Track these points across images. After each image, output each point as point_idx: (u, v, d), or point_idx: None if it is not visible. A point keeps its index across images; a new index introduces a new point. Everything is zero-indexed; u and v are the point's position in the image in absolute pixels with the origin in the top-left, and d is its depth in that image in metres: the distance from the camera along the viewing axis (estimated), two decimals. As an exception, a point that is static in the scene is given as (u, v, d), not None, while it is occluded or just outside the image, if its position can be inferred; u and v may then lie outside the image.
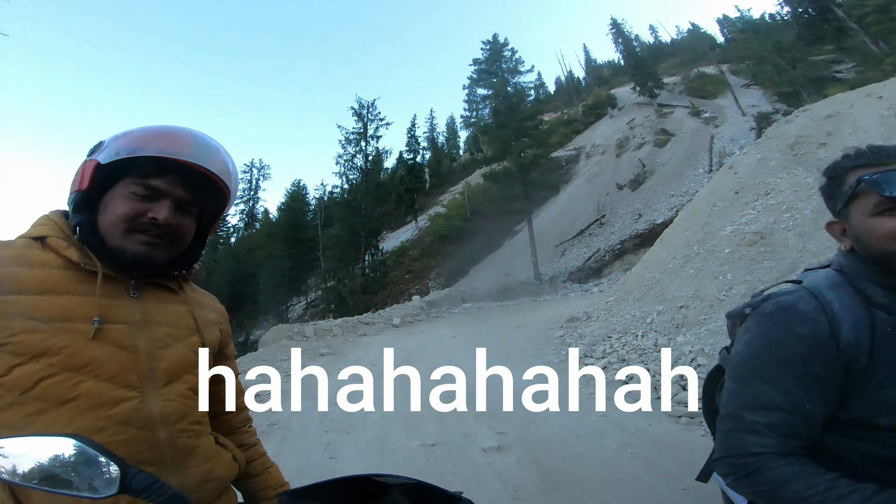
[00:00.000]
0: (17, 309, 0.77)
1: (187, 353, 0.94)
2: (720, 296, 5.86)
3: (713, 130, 29.31)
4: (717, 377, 1.23)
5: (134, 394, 0.83)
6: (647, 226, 22.20)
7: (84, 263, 0.84)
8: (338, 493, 0.85)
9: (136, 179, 0.85)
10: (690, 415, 4.01)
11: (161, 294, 0.94)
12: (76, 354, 0.79)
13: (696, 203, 9.20)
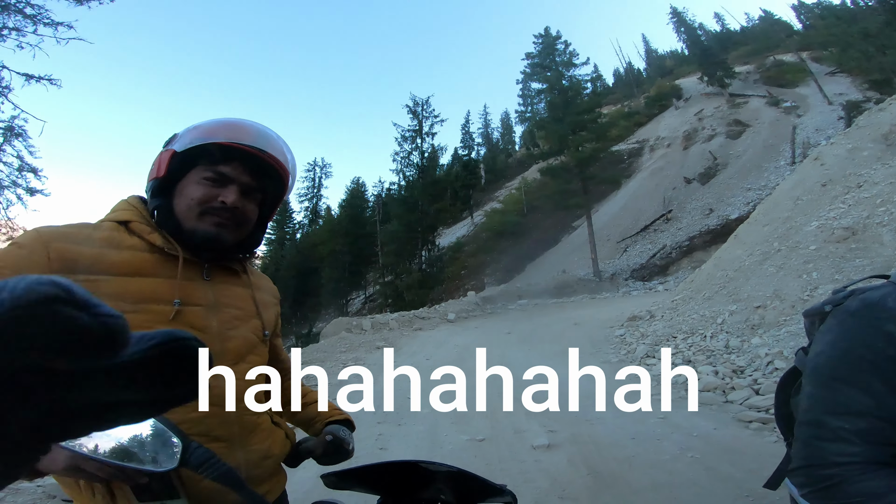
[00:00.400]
0: (107, 290, 0.82)
1: (250, 335, 0.99)
2: (803, 296, 5.35)
3: (795, 120, 26.98)
4: (792, 380, 1.13)
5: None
6: (719, 221, 20.76)
7: (166, 248, 0.90)
8: (383, 477, 0.87)
9: (207, 166, 0.91)
10: (762, 420, 3.74)
11: (227, 277, 1.00)
12: None
13: (777, 196, 8.50)
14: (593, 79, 30.29)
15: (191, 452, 0.64)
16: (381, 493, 0.88)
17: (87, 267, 0.82)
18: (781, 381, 1.17)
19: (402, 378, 6.58)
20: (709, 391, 4.50)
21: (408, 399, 5.52)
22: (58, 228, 0.84)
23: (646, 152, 33.78)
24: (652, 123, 38.07)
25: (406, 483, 0.86)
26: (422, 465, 0.81)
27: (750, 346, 5.10)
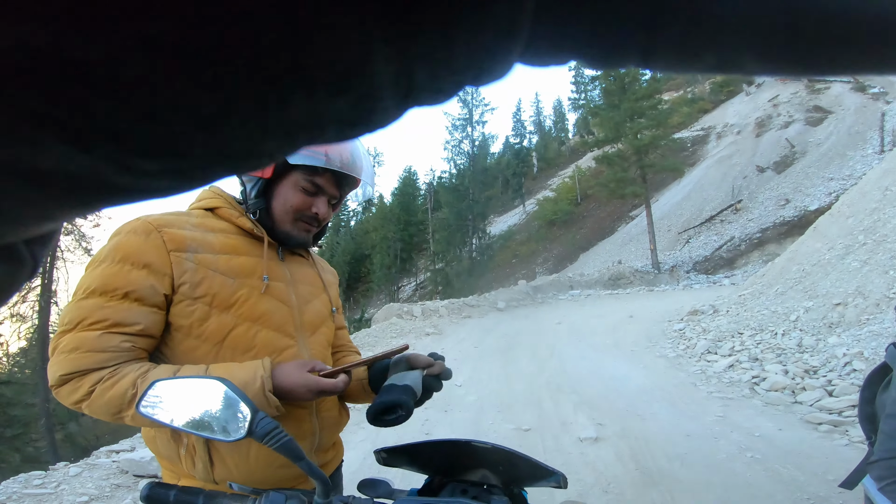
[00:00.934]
0: (215, 265, 0.93)
1: (321, 308, 1.11)
2: (889, 293, 4.86)
3: (884, 107, 24.39)
4: (880, 377, 1.10)
5: (293, 342, 1.00)
6: (796, 213, 19.16)
7: (255, 231, 1.01)
8: (433, 456, 0.89)
9: (306, 176, 0.99)
10: (833, 423, 3.50)
11: (297, 258, 1.12)
12: (254, 306, 0.96)
13: (864, 187, 7.72)
14: (654, 64, 28.61)
15: (257, 423, 0.68)
16: (430, 472, 0.90)
17: (196, 247, 0.93)
18: (868, 377, 1.14)
19: (450, 365, 6.69)
20: (776, 391, 4.23)
21: (455, 386, 5.60)
22: (160, 216, 0.95)
23: (712, 140, 31.76)
24: (719, 110, 35.81)
25: (454, 464, 0.87)
26: (473, 444, 0.82)
27: (826, 345, 4.71)
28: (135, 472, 3.31)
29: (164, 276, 0.89)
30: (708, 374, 5.09)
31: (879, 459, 0.83)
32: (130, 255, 0.88)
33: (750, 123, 30.08)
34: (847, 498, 2.48)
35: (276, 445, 0.68)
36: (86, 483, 3.14)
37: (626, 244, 24.71)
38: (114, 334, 0.85)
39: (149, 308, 0.89)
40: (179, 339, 0.92)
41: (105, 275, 0.87)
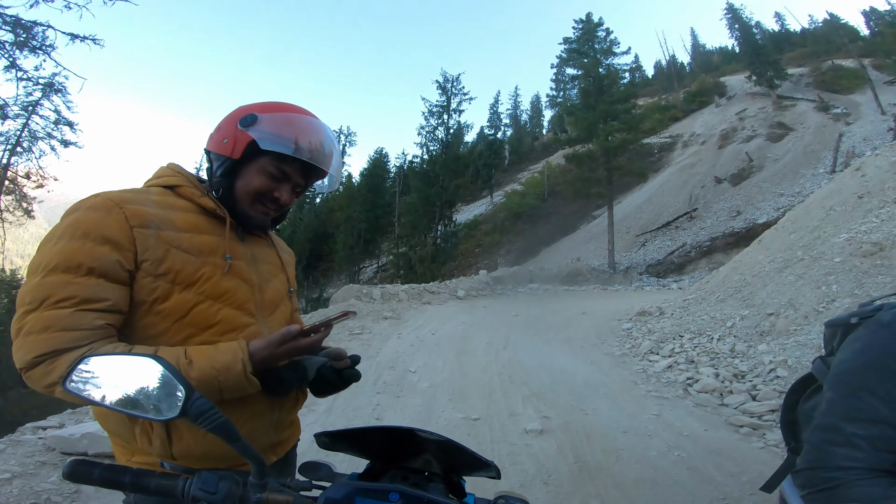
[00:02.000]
0: (178, 243, 0.92)
1: (280, 287, 1.13)
2: (818, 307, 5.22)
3: (843, 128, 25.73)
4: (803, 387, 1.17)
5: (253, 320, 1.01)
6: (745, 224, 20.21)
7: (218, 211, 1.00)
8: (375, 442, 0.89)
9: (274, 162, 0.99)
10: (753, 426, 3.74)
11: (257, 239, 1.12)
12: (216, 284, 0.95)
13: (810, 204, 8.22)
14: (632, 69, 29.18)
15: (191, 403, 0.66)
16: (371, 458, 0.91)
17: (158, 224, 0.92)
18: (793, 386, 1.20)
19: (404, 351, 6.71)
20: (706, 392, 4.49)
21: (409, 372, 5.63)
22: (120, 192, 0.92)
23: (678, 147, 32.84)
24: (688, 119, 36.95)
25: (396, 450, 0.88)
26: (417, 432, 0.82)
27: (755, 352, 5.03)
28: (62, 450, 3.18)
29: (127, 252, 0.87)
30: (648, 373, 5.35)
31: (805, 469, 0.88)
32: (92, 230, 0.85)
33: (715, 134, 31.25)
34: (757, 500, 2.69)
35: (211, 426, 0.66)
36: (9, 460, 3.01)
37: (586, 242, 25.37)
38: (85, 311, 0.83)
39: (115, 284, 0.87)
40: (139, 315, 0.91)
41: (66, 251, 0.84)
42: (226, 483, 0.70)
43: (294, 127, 0.98)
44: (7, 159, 14.74)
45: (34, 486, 2.76)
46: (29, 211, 15.50)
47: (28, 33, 12.37)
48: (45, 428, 3.69)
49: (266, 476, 0.73)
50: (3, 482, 2.76)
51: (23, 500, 2.63)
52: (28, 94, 14.43)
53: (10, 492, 2.68)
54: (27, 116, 14.81)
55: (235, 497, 0.70)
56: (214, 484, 0.70)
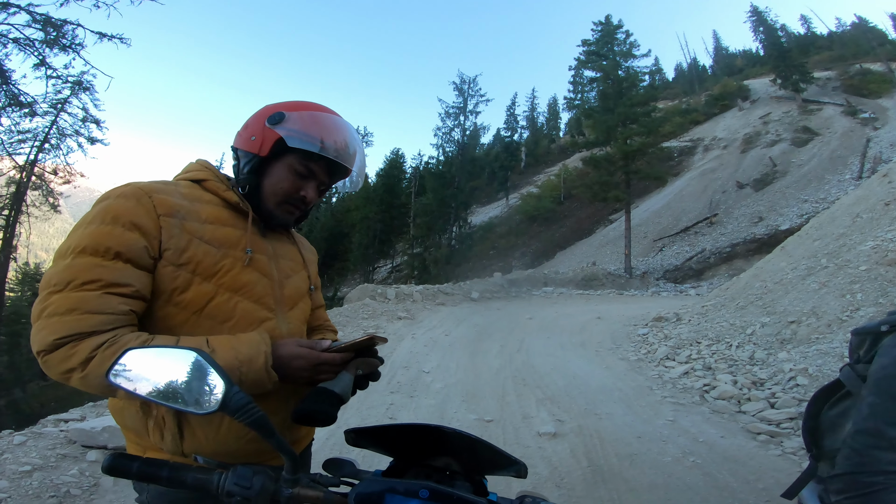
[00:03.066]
0: (199, 233, 0.94)
1: (301, 284, 1.13)
2: (842, 315, 5.09)
3: (870, 133, 24.93)
4: (829, 394, 1.16)
5: (271, 315, 1.01)
6: (767, 231, 19.77)
7: (241, 205, 1.02)
8: (400, 439, 0.91)
9: (301, 160, 1.00)
10: (771, 433, 3.66)
11: (279, 235, 1.14)
12: (236, 277, 0.96)
13: (835, 211, 8.01)
14: (652, 72, 28.77)
15: (231, 397, 0.67)
16: (395, 455, 0.91)
17: (184, 214, 0.94)
18: (817, 393, 1.19)
19: (418, 351, 6.74)
20: (724, 399, 4.41)
21: (422, 372, 5.65)
22: (149, 183, 0.95)
23: (699, 152, 32.29)
24: (710, 123, 36.31)
25: (419, 449, 0.89)
26: (441, 429, 0.83)
27: (776, 359, 4.92)
28: (83, 443, 3.20)
29: (153, 239, 0.89)
30: (664, 379, 5.27)
31: (844, 473, 0.87)
32: (121, 216, 0.87)
33: (738, 139, 30.63)
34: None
35: (249, 420, 0.67)
36: (30, 452, 3.04)
37: (602, 246, 25.11)
38: (112, 295, 0.83)
39: (141, 270, 0.88)
40: (159, 305, 0.91)
41: (96, 234, 0.85)
42: (260, 478, 0.71)
43: (320, 126, 0.99)
44: (35, 155, 15.17)
45: (54, 479, 2.78)
46: (55, 206, 15.89)
47: (58, 31, 12.70)
48: (67, 420, 3.70)
49: (299, 472, 0.74)
50: (24, 475, 2.78)
51: (42, 492, 2.66)
52: (57, 92, 14.86)
53: (30, 484, 2.70)
54: (56, 114, 15.23)
55: (269, 492, 0.71)
56: (249, 479, 0.71)
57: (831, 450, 1.08)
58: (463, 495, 0.72)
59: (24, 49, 12.64)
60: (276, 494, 0.72)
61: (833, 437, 1.09)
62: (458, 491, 0.72)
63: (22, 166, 14.76)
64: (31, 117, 14.24)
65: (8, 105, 13.29)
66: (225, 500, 0.71)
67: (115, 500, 2.69)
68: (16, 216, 14.48)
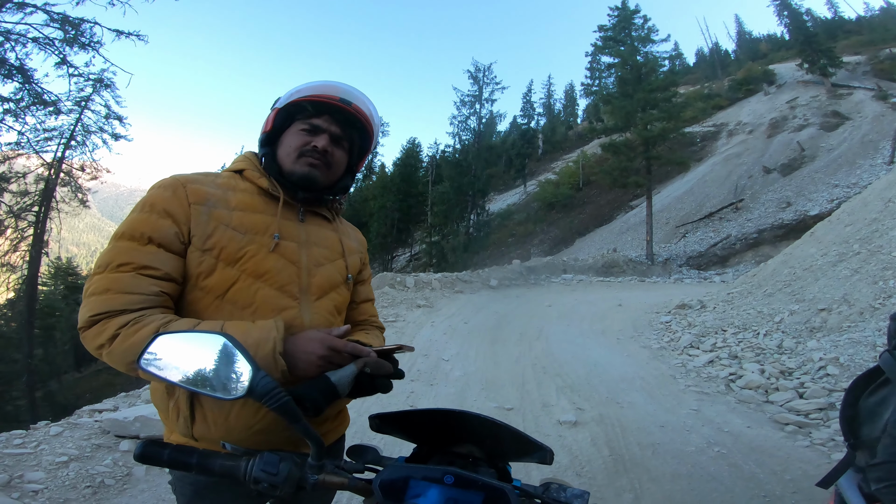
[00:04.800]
0: (229, 220, 0.98)
1: (335, 273, 1.12)
2: (875, 303, 4.92)
3: (903, 117, 23.83)
4: (868, 381, 1.12)
5: (294, 303, 1.01)
6: (795, 216, 19.15)
7: (271, 190, 1.06)
8: (424, 425, 0.91)
9: (304, 120, 1.07)
10: (799, 424, 3.59)
11: (319, 221, 1.14)
12: (259, 263, 0.99)
13: (867, 196, 7.72)
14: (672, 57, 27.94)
15: (257, 382, 0.67)
16: (419, 442, 0.92)
17: (214, 202, 0.99)
18: (856, 381, 1.15)
19: (438, 339, 6.78)
20: (750, 389, 4.33)
21: (442, 360, 5.69)
22: (188, 175, 1.03)
23: (723, 137, 31.35)
24: (734, 108, 35.19)
25: (443, 434, 0.89)
26: (466, 414, 0.83)
27: (805, 348, 4.80)
28: (116, 433, 3.25)
29: (184, 226, 0.95)
30: (688, 367, 5.20)
31: (884, 462, 0.86)
32: (157, 204, 0.95)
33: (764, 123, 29.66)
34: (799, 499, 2.59)
35: (275, 405, 0.67)
36: (66, 443, 3.09)
37: (622, 233, 24.72)
38: (143, 276, 0.89)
39: (171, 254, 0.93)
40: (188, 289, 0.96)
41: (134, 221, 0.94)
42: (286, 464, 0.72)
43: (308, 86, 1.08)
44: (62, 153, 15.59)
45: (90, 469, 2.83)
46: (84, 202, 16.36)
47: (76, 30, 12.98)
48: (101, 411, 3.77)
49: (324, 458, 0.75)
50: (61, 465, 2.83)
51: (79, 482, 2.71)
52: (80, 90, 15.21)
53: (67, 475, 2.75)
54: (80, 111, 15.60)
55: (295, 478, 0.72)
56: (276, 465, 0.72)
57: (870, 438, 1.05)
58: (487, 481, 0.72)
59: (45, 48, 12.94)
60: (302, 481, 0.73)
61: (872, 425, 1.05)
62: (482, 477, 0.72)
63: (50, 164, 15.18)
64: (55, 115, 14.65)
65: (32, 104, 13.63)
66: (252, 487, 0.72)
67: (147, 489, 2.75)
68: (46, 212, 14.94)
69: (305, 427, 0.70)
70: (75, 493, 2.65)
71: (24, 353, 14.30)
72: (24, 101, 13.44)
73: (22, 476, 2.69)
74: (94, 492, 2.69)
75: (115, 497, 2.68)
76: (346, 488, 0.76)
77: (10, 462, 2.82)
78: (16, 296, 16.98)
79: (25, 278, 14.95)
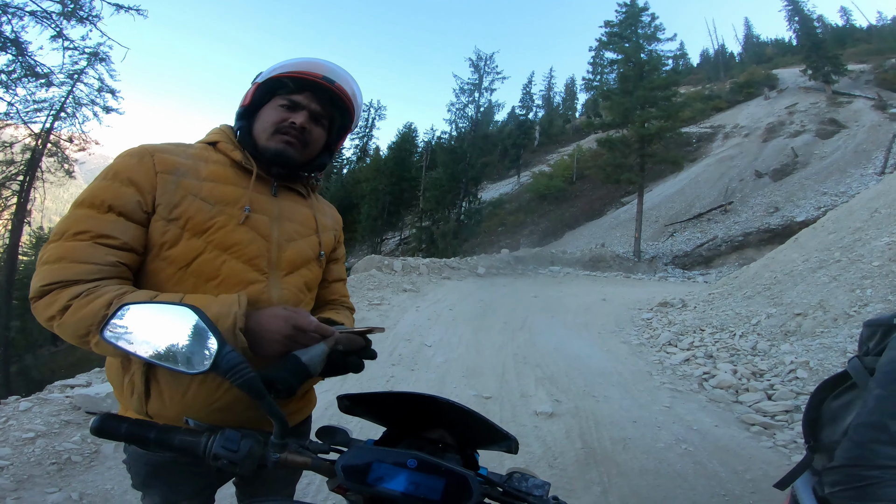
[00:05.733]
0: (197, 191, 0.95)
1: (307, 249, 1.09)
2: (850, 310, 5.04)
3: (898, 128, 24.15)
4: (835, 385, 1.14)
5: (262, 278, 0.99)
6: (782, 221, 19.43)
7: (244, 163, 1.03)
8: (394, 408, 0.90)
9: (283, 96, 1.04)
10: (765, 425, 3.68)
11: (294, 196, 1.11)
12: (227, 235, 0.96)
13: (853, 205, 7.85)
14: (675, 56, 27.84)
15: (222, 357, 0.66)
16: (389, 425, 0.91)
17: (183, 172, 0.96)
18: (822, 384, 1.17)
19: (422, 324, 6.80)
20: (721, 388, 4.43)
21: (424, 346, 5.71)
22: (158, 144, 0.99)
23: (718, 138, 31.53)
24: (733, 110, 35.36)
25: (413, 420, 0.88)
26: (436, 399, 0.82)
27: (778, 351, 4.91)
28: (87, 409, 3.18)
29: (148, 195, 0.91)
30: (664, 364, 5.30)
31: (841, 465, 0.87)
32: (120, 172, 0.91)
33: (760, 127, 29.84)
34: (757, 499, 2.67)
35: (240, 381, 0.66)
36: (34, 419, 3.01)
37: (612, 229, 24.89)
38: (100, 245, 0.86)
39: (132, 223, 0.90)
40: (149, 259, 0.93)
41: (95, 189, 0.90)
42: (248, 441, 0.71)
43: (290, 62, 1.05)
44: (51, 124, 15.24)
45: (56, 446, 2.76)
46: (70, 172, 15.98)
47: (75, 4, 12.63)
48: (73, 386, 3.65)
49: (287, 437, 0.74)
50: (27, 441, 2.75)
51: (44, 459, 2.64)
52: (74, 63, 14.81)
53: (33, 451, 2.68)
54: (72, 84, 15.21)
55: (256, 456, 0.71)
56: (236, 442, 0.71)
57: (829, 442, 1.07)
58: (451, 466, 0.71)
59: (41, 21, 12.56)
60: (264, 459, 0.72)
61: (833, 428, 1.08)
62: (446, 462, 0.72)
63: (38, 134, 14.84)
64: (46, 87, 14.29)
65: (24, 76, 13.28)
66: (211, 463, 0.71)
67: (113, 466, 2.70)
68: (30, 182, 14.60)
69: (270, 404, 0.69)
70: (40, 470, 2.57)
71: (0, 323, 14.02)
72: (15, 73, 13.08)
73: (-12, 452, 2.60)
74: (60, 468, 2.62)
75: (80, 474, 2.62)
76: (308, 468, 0.75)
77: (-26, 437, 2.71)
78: (-5, 265, 16.68)
79: (6, 247, 14.65)
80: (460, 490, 0.70)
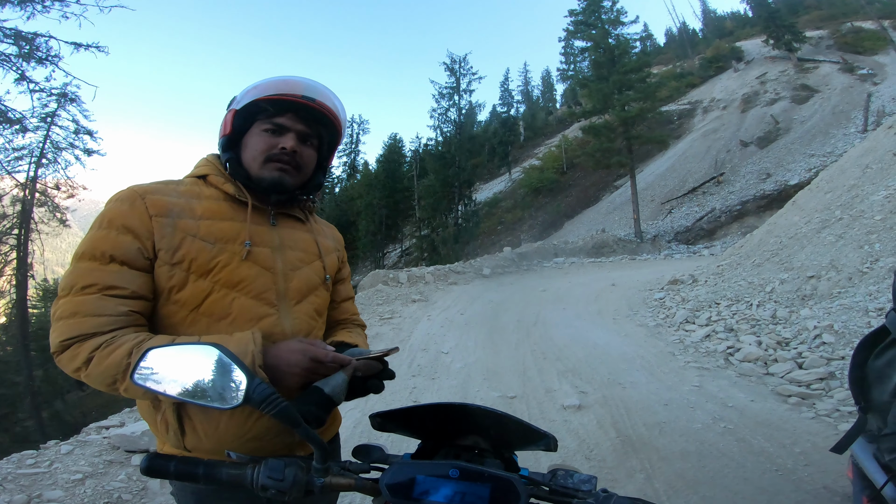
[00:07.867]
0: (192, 231, 0.93)
1: (313, 275, 1.08)
2: (862, 267, 5.03)
3: (870, 88, 24.78)
4: (875, 342, 1.10)
5: (273, 311, 0.98)
6: (776, 186, 19.57)
7: (238, 195, 1.00)
8: (426, 420, 0.90)
9: (266, 120, 1.00)
10: (802, 395, 3.63)
11: (292, 223, 1.09)
12: (233, 272, 0.94)
13: (844, 164, 7.90)
14: (643, 38, 28.15)
15: (253, 389, 0.67)
16: (422, 437, 0.91)
17: (178, 213, 0.93)
18: (862, 341, 1.14)
19: (435, 332, 6.78)
20: (749, 362, 4.39)
21: (441, 353, 5.69)
22: (147, 185, 0.97)
23: (698, 114, 31.81)
24: (707, 85, 35.79)
25: (446, 429, 0.88)
26: (468, 407, 0.82)
27: (798, 317, 4.88)
28: (126, 448, 3.27)
29: (146, 241, 0.90)
30: (686, 343, 5.28)
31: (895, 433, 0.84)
32: (115, 220, 0.90)
33: (736, 99, 30.15)
34: (812, 471, 2.63)
35: (274, 412, 0.67)
36: (78, 460, 3.12)
37: (610, 213, 24.95)
38: (109, 297, 0.86)
39: (136, 271, 0.89)
40: (160, 304, 0.92)
41: (93, 240, 0.89)
42: (292, 469, 0.72)
43: (266, 83, 1.01)
44: (35, 172, 15.19)
45: (105, 486, 2.85)
46: (63, 220, 15.97)
47: (31, 45, 12.63)
48: (108, 427, 3.80)
49: (329, 460, 0.74)
50: (77, 483, 2.85)
51: (97, 499, 2.71)
52: (44, 106, 14.77)
53: (84, 492, 2.76)
54: (47, 127, 15.18)
55: (302, 483, 0.72)
56: (281, 471, 0.72)
57: (880, 402, 1.04)
58: (493, 472, 0.72)
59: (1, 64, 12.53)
60: (310, 484, 0.73)
61: (881, 388, 1.04)
62: (488, 468, 0.73)
63: (24, 184, 14.80)
64: (22, 133, 14.24)
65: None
66: (260, 494, 0.72)
67: (164, 502, 2.75)
68: (26, 234, 14.58)
69: (307, 431, 0.70)
70: (96, 509, 2.65)
71: (24, 375, 14.07)
72: (-13, 120, 13.09)
73: (41, 495, 2.68)
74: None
75: (133, 510, 2.68)
76: (353, 489, 0.76)
77: (27, 482, 2.82)
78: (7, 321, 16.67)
79: (14, 303, 14.64)
80: (506, 494, 0.70)
